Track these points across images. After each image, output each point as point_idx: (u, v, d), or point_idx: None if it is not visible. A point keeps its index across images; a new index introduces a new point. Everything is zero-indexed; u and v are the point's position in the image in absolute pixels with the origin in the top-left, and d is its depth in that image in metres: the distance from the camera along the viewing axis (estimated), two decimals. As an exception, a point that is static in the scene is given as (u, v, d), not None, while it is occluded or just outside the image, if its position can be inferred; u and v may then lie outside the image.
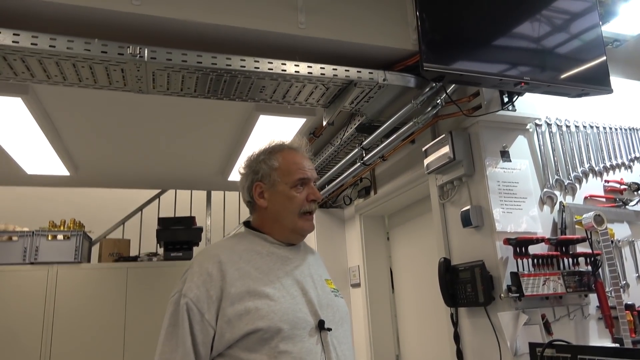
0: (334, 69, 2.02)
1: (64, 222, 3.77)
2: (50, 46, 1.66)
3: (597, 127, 2.40)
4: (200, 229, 4.00)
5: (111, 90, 2.04)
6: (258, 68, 1.90)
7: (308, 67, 1.98)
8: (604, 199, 2.30)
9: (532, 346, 1.75)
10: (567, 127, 2.32)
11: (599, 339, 2.05)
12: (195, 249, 3.97)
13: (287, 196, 1.31)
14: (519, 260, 1.94)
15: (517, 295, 1.88)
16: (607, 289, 2.04)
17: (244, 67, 1.88)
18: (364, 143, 2.63)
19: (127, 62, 1.77)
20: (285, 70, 1.94)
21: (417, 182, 2.66)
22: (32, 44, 1.64)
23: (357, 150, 2.72)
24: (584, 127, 2.37)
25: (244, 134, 3.03)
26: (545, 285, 1.93)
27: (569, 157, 2.28)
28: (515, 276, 1.91)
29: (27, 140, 2.88)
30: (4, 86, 2.17)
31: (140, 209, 4.41)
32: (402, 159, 2.80)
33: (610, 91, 1.84)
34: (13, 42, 1.62)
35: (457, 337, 2.16)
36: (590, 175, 2.32)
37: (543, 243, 2.01)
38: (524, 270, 1.94)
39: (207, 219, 4.41)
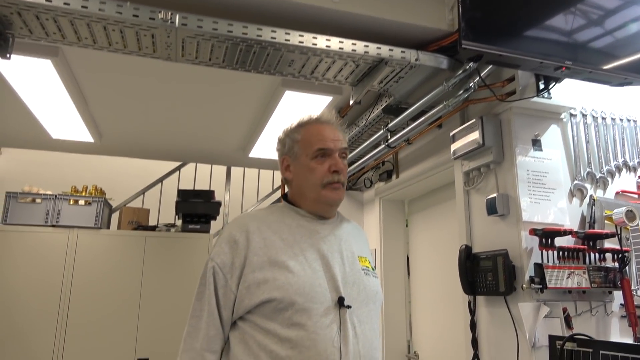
0: (365, 46, 1.98)
1: (86, 188, 3.82)
2: (82, 7, 1.65)
3: (635, 121, 2.32)
4: (219, 203, 4.02)
5: (140, 57, 2.02)
6: (289, 40, 1.87)
7: (339, 42, 1.94)
8: (636, 195, 2.22)
9: (552, 339, 1.72)
10: (603, 119, 2.24)
11: (620, 337, 2.00)
12: (212, 223, 3.99)
13: (308, 168, 1.31)
14: (544, 252, 1.90)
15: (540, 286, 1.84)
16: (633, 287, 1.98)
17: (275, 38, 1.85)
18: (390, 125, 2.58)
19: (157, 27, 1.75)
20: (316, 44, 1.90)
21: (442, 167, 2.61)
22: (64, 3, 1.63)
23: (382, 132, 2.67)
24: (620, 120, 2.29)
25: (267, 110, 3.01)
26: (570, 279, 1.88)
27: (602, 150, 2.21)
28: (539, 267, 1.87)
29: (54, 105, 2.91)
30: (35, 47, 2.18)
31: (161, 180, 4.44)
32: (428, 144, 2.75)
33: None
34: (46, 0, 1.61)
35: (473, 326, 2.13)
36: (624, 170, 2.25)
37: (570, 236, 1.96)
38: (548, 262, 1.90)
39: (226, 194, 4.43)
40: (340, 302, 1.20)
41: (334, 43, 1.93)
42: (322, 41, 1.91)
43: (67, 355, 3.36)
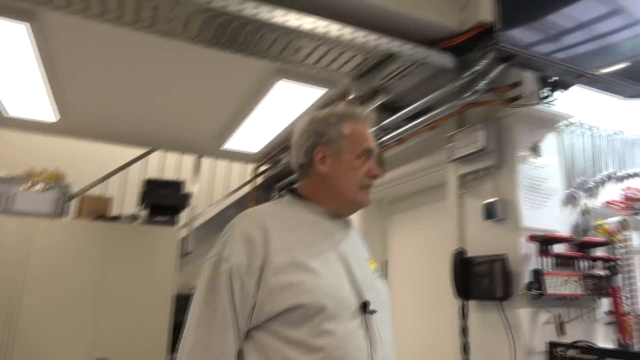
0: (376, 39, 1.91)
1: (44, 172, 3.52)
2: (81, -34, 1.48)
3: (622, 134, 2.39)
4: (189, 195, 3.83)
5: (130, 31, 1.86)
6: (301, 26, 1.77)
7: (351, 32, 1.87)
8: (621, 206, 2.29)
9: (553, 345, 1.72)
10: (595, 130, 2.29)
11: (605, 342, 2.04)
12: (181, 215, 3.80)
13: (351, 166, 1.21)
14: (542, 258, 1.91)
15: (539, 292, 1.84)
16: (621, 295, 2.03)
17: (288, 20, 1.75)
18: (384, 123, 2.53)
19: (163, -3, 1.60)
20: (328, 32, 1.82)
21: (432, 169, 2.59)
22: (61, -40, 1.46)
23: (374, 129, 2.61)
24: (610, 132, 2.35)
25: (253, 100, 2.89)
26: (566, 286, 1.90)
27: (594, 161, 2.26)
28: (538, 274, 1.87)
29: (16, 77, 2.65)
30: (12, 9, 1.96)
31: (126, 166, 4.18)
32: (418, 144, 2.72)
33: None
34: (40, -45, 1.44)
35: (464, 331, 2.11)
36: (611, 180, 2.31)
37: (564, 243, 1.98)
38: (545, 268, 1.91)
39: (195, 185, 4.24)
40: (365, 307, 1.12)
41: (347, 32, 1.85)
42: (334, 29, 1.83)
43: (17, 355, 3.07)
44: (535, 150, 2.09)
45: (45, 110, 3.18)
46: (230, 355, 1.04)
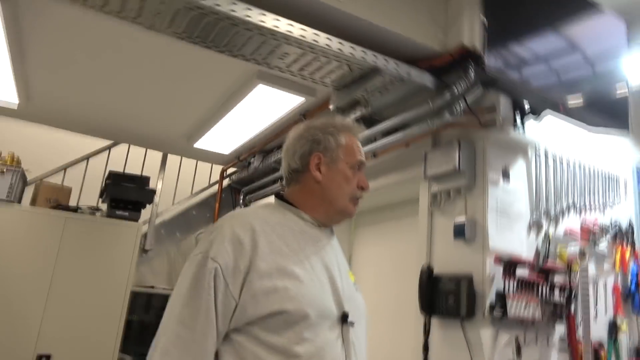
0: (363, 51, 1.93)
1: None
2: (70, -53, 1.42)
3: (583, 167, 2.49)
4: (153, 191, 3.73)
5: (118, 23, 1.80)
6: (290, 32, 1.77)
7: (339, 43, 1.88)
8: (579, 235, 2.38)
9: (511, 366, 1.76)
10: (560, 160, 2.38)
11: (557, 368, 2.12)
12: (142, 211, 3.69)
13: (345, 176, 1.22)
14: (506, 281, 1.96)
15: (501, 314, 1.89)
16: (576, 322, 2.11)
17: (277, 27, 1.74)
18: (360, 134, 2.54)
19: (153, -12, 1.56)
20: (317, 42, 1.82)
21: (404, 185, 2.63)
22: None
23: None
24: (574, 164, 2.45)
25: (230, 101, 2.85)
26: (526, 309, 1.96)
27: (557, 190, 2.34)
28: (502, 296, 1.92)
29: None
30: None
31: (87, 157, 4.03)
32: (391, 159, 2.75)
33: (626, 134, 1.90)
34: None
35: (426, 347, 2.14)
36: (572, 210, 2.40)
37: (527, 267, 2.05)
38: (509, 290, 1.96)
39: (159, 182, 4.13)
40: (344, 318, 1.12)
41: (334, 43, 1.86)
42: (323, 39, 1.83)
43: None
44: (505, 174, 2.16)
45: (8, 93, 3.03)
46: (211, 356, 1.02)
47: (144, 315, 4.07)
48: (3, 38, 2.28)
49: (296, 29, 1.78)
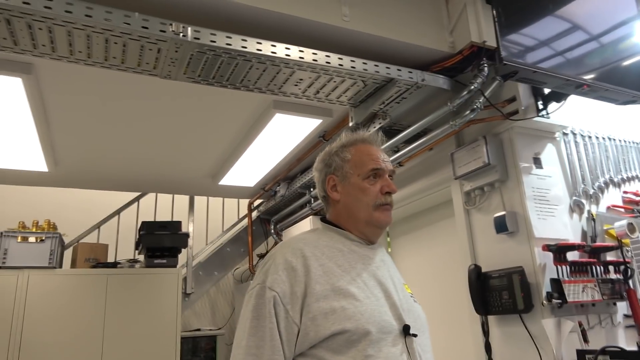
0: (375, 65, 1.96)
1: (37, 223, 3.44)
2: (86, 15, 1.49)
3: (614, 140, 2.46)
4: (187, 235, 3.78)
5: (131, 74, 1.86)
6: (302, 58, 1.80)
7: (351, 61, 1.90)
8: (623, 209, 2.33)
9: (581, 353, 1.72)
10: (589, 137, 2.36)
11: (627, 346, 2.05)
12: (180, 256, 3.73)
13: (360, 188, 1.24)
14: (559, 267, 1.92)
15: (560, 301, 1.85)
16: (638, 297, 2.05)
17: (289, 55, 1.78)
18: (384, 146, 2.55)
19: (167, 40, 1.62)
20: (329, 63, 1.85)
21: (434, 189, 2.61)
22: (66, 11, 1.46)
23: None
24: (603, 138, 2.42)
25: (249, 134, 2.89)
26: (584, 292, 1.91)
27: (592, 168, 2.31)
28: (557, 282, 1.88)
29: (7, 130, 2.61)
30: (7, 63, 1.95)
31: (119, 212, 4.11)
32: (417, 165, 2.75)
33: (654, 101, 1.88)
34: (45, 7, 1.44)
35: (488, 347, 2.10)
36: (610, 185, 2.36)
37: (577, 250, 2.01)
38: (563, 276, 1.92)
39: (190, 225, 4.18)
40: (406, 331, 1.12)
41: (346, 61, 1.89)
42: (335, 59, 1.86)
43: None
44: (536, 161, 2.14)
45: (37, 162, 3.13)
46: None
47: (193, 359, 4.09)
48: (29, 111, 2.37)
49: (307, 54, 1.81)
